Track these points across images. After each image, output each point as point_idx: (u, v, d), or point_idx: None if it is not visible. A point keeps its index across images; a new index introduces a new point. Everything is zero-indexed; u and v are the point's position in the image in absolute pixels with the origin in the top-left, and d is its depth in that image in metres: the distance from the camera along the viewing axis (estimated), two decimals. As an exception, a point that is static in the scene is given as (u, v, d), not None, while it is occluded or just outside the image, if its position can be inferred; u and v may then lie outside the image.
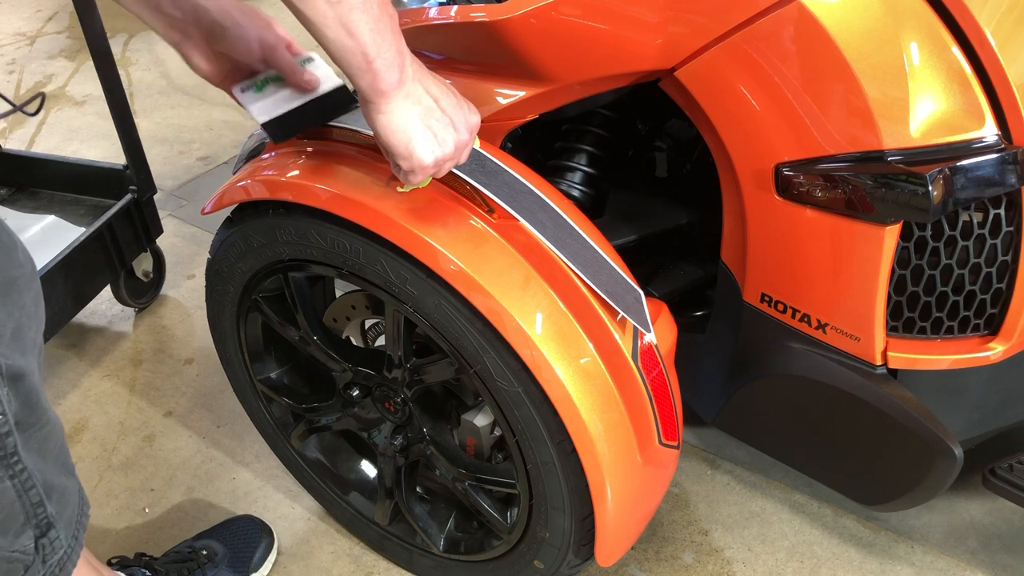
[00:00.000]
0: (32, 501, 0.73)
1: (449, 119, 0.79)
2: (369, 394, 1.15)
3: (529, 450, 0.97)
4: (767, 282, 1.06)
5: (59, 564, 0.77)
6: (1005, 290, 0.98)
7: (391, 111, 0.75)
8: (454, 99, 0.80)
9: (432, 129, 0.77)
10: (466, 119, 0.81)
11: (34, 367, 0.74)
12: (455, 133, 0.79)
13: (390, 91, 0.73)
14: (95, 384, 1.70)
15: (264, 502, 1.44)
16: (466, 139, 0.81)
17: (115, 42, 3.30)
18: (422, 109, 0.76)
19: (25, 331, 0.74)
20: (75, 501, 0.80)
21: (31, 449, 0.74)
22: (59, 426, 0.80)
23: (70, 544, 0.78)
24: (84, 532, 0.81)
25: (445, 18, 1.13)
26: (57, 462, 0.79)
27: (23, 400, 0.72)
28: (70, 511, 0.79)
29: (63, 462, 0.80)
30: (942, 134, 0.89)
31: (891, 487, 1.08)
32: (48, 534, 0.75)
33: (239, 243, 1.09)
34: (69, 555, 0.78)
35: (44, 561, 0.75)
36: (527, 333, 0.88)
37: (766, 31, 0.90)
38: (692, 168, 1.30)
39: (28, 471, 0.72)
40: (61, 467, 0.79)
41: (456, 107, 0.80)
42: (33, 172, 1.88)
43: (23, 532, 0.73)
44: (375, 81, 0.71)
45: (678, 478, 1.42)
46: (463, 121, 0.80)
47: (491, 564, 1.16)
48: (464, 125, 0.81)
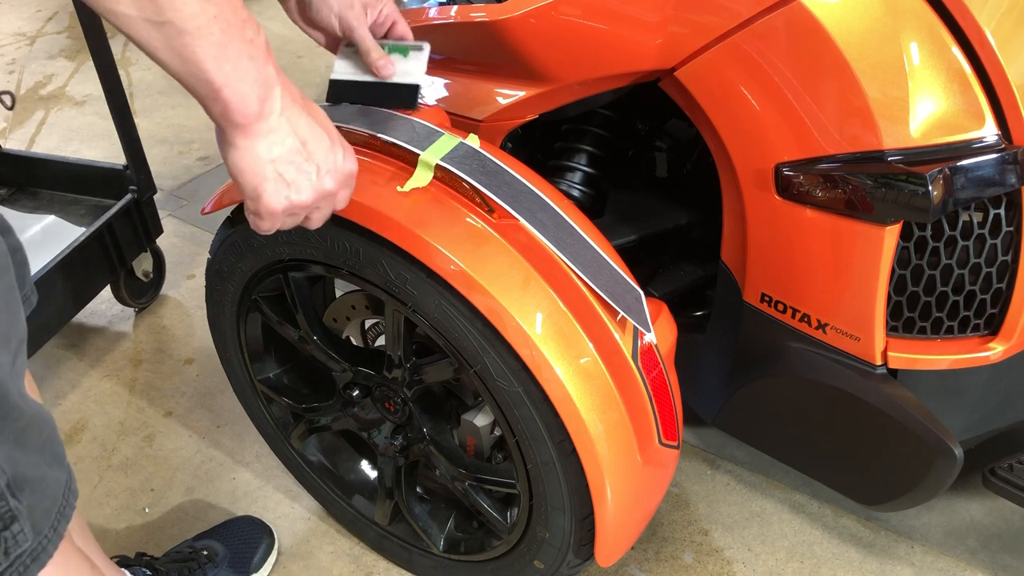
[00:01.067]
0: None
1: (315, 165, 0.70)
2: (369, 394, 1.15)
3: (529, 450, 0.97)
4: (767, 282, 1.06)
5: (30, 555, 0.75)
6: (1005, 290, 0.98)
7: (245, 147, 0.66)
8: (327, 143, 0.71)
9: (289, 174, 0.69)
10: (336, 167, 0.72)
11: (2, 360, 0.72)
12: (316, 181, 0.71)
13: (246, 125, 0.65)
14: (95, 384, 1.70)
15: (264, 502, 1.44)
16: (330, 189, 0.72)
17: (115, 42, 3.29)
18: (283, 151, 0.68)
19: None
20: (57, 491, 0.78)
21: (3, 441, 0.72)
22: (42, 419, 0.77)
23: (46, 535, 0.77)
24: (67, 522, 0.80)
25: (445, 18, 1.13)
26: (41, 453, 0.77)
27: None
28: (48, 501, 0.77)
29: (49, 453, 0.78)
30: (942, 134, 0.89)
31: (891, 487, 1.08)
32: (11, 528, 0.72)
33: (239, 243, 1.09)
34: (44, 546, 0.77)
35: (6, 554, 0.73)
36: (527, 333, 0.88)
37: (766, 31, 0.90)
38: (692, 168, 1.30)
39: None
40: (45, 458, 0.78)
41: (327, 152, 0.71)
42: (33, 172, 1.88)
43: None
44: (226, 112, 0.64)
45: (678, 478, 1.42)
46: (331, 169, 0.72)
47: (491, 564, 1.16)
48: (332, 174, 0.72)
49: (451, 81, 1.21)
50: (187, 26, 0.59)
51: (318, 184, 0.71)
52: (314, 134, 0.69)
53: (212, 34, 0.60)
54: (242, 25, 0.62)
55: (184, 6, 0.58)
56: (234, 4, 0.61)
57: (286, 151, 0.68)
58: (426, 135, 0.95)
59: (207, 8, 0.59)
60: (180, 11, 0.58)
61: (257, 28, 0.63)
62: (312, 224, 0.76)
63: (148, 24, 0.58)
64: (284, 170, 0.68)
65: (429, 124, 0.97)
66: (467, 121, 1.18)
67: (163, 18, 0.58)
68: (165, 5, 0.58)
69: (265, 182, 0.68)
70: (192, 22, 0.59)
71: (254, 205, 0.70)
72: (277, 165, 0.68)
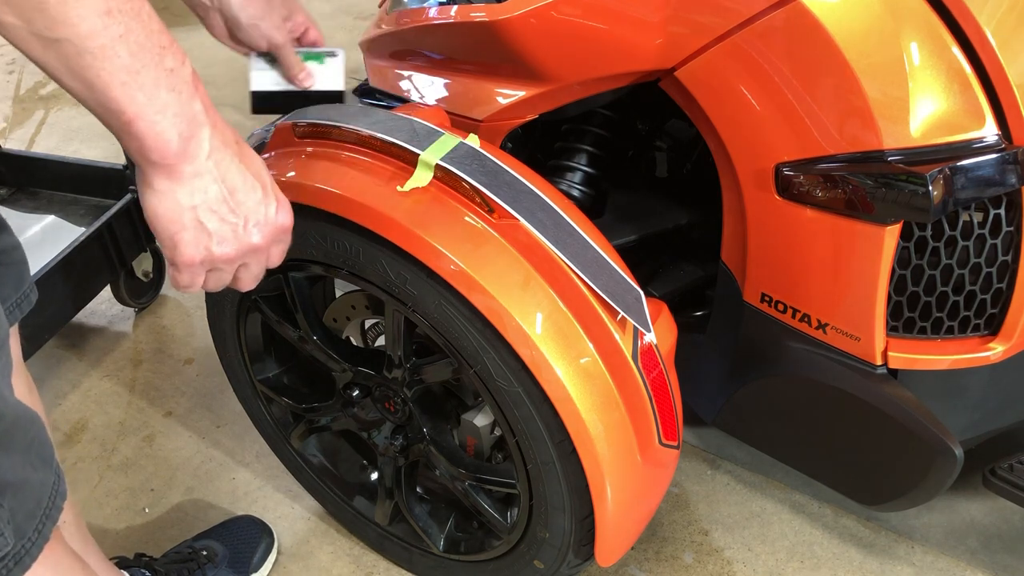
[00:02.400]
0: None
1: (242, 217, 0.63)
2: (369, 394, 1.15)
3: (529, 450, 0.97)
4: (767, 282, 1.06)
5: (12, 559, 0.74)
6: (1005, 290, 0.98)
7: (163, 191, 0.59)
8: (258, 194, 0.64)
9: (211, 224, 0.61)
10: (266, 220, 0.65)
11: None
12: (243, 234, 0.64)
13: (167, 166, 0.57)
14: (95, 384, 1.70)
15: (264, 502, 1.44)
16: (257, 243, 0.65)
17: (115, 42, 3.29)
18: (206, 198, 0.60)
19: None
20: (42, 493, 0.77)
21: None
22: (27, 419, 0.75)
23: (30, 538, 0.76)
24: (53, 524, 0.79)
25: (445, 18, 1.13)
26: (26, 455, 0.75)
27: None
28: (32, 504, 0.75)
29: (35, 454, 0.76)
30: (942, 134, 0.89)
31: (891, 487, 1.08)
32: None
33: (239, 243, 1.09)
34: (28, 549, 0.76)
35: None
36: (527, 333, 0.88)
37: (766, 31, 0.90)
38: (692, 168, 1.30)
39: None
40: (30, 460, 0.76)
41: (256, 203, 0.64)
42: (33, 172, 1.88)
43: None
44: (142, 149, 0.56)
45: (678, 478, 1.42)
46: (260, 222, 0.64)
47: (491, 564, 1.16)
48: (260, 227, 0.65)
49: (451, 81, 1.21)
50: (86, 45, 0.51)
51: (244, 237, 0.64)
52: (245, 183, 0.62)
53: (118, 56, 0.52)
54: (159, 51, 0.54)
55: (80, 21, 0.50)
56: (148, 26, 0.54)
57: (210, 199, 0.60)
58: (426, 135, 0.95)
59: (110, 26, 0.51)
60: (75, 27, 0.50)
61: (181, 57, 0.56)
62: (241, 284, 0.69)
63: (39, 40, 0.50)
64: (206, 219, 0.61)
65: (429, 124, 0.97)
66: (467, 121, 1.18)
67: (55, 35, 0.50)
68: (56, 17, 0.49)
69: (183, 231, 0.61)
70: (92, 41, 0.51)
71: (170, 255, 0.63)
72: (198, 212, 0.60)
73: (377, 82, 1.35)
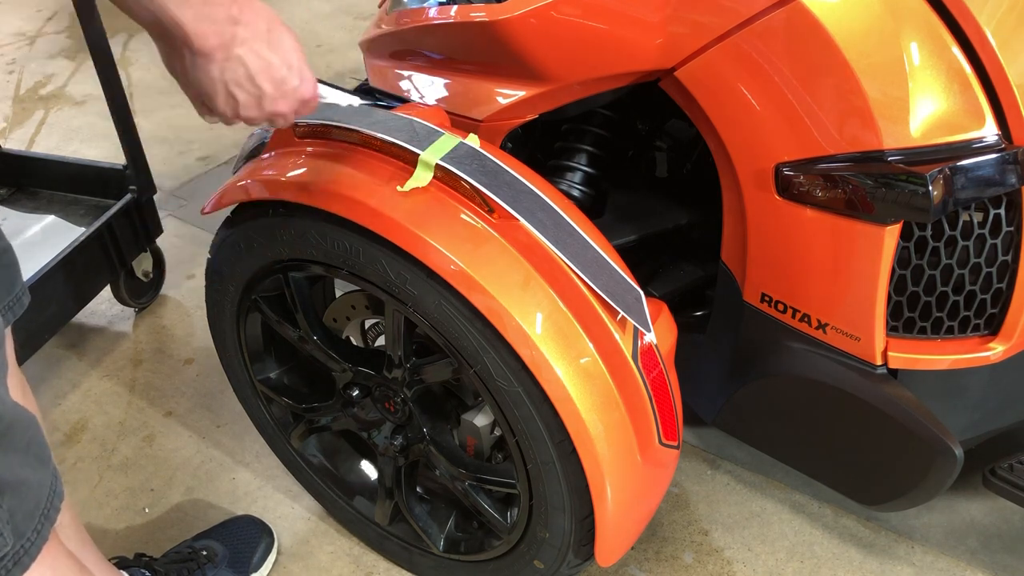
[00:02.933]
0: None
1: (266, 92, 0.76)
2: (369, 394, 1.15)
3: (529, 450, 0.97)
4: (767, 282, 1.06)
5: (12, 559, 0.76)
6: (1005, 290, 0.98)
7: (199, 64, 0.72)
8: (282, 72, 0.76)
9: (240, 96, 0.74)
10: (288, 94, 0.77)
11: None
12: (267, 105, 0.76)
13: (204, 53, 0.71)
14: (95, 384, 1.70)
15: (264, 502, 1.44)
16: (281, 110, 0.78)
17: (115, 42, 3.30)
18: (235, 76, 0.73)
19: None
20: (40, 494, 0.79)
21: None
22: (24, 420, 0.78)
23: (28, 538, 0.77)
24: (51, 524, 0.80)
25: (445, 18, 1.13)
26: (24, 455, 0.77)
27: None
28: (30, 504, 0.77)
29: (32, 455, 0.78)
30: (942, 134, 0.89)
31: (891, 487, 1.08)
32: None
33: (239, 243, 1.09)
34: (27, 549, 0.77)
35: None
36: (527, 333, 0.88)
37: (766, 31, 0.90)
38: (692, 168, 1.30)
39: None
40: (28, 460, 0.78)
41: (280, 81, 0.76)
42: (33, 172, 1.88)
43: None
44: (186, 42, 0.70)
45: (678, 478, 1.42)
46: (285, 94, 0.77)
47: (491, 564, 1.16)
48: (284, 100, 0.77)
49: (451, 81, 1.21)
50: None
51: (267, 105, 0.76)
52: (271, 64, 0.74)
53: None
54: None
55: None
56: None
57: (238, 76, 0.73)
58: (426, 135, 0.95)
59: None
60: None
61: None
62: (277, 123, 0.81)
63: None
64: (234, 90, 0.74)
65: (429, 124, 0.97)
66: (467, 121, 1.18)
67: None
68: None
69: (216, 95, 0.74)
70: None
71: (205, 108, 0.76)
72: (228, 86, 0.73)
73: (377, 82, 1.35)
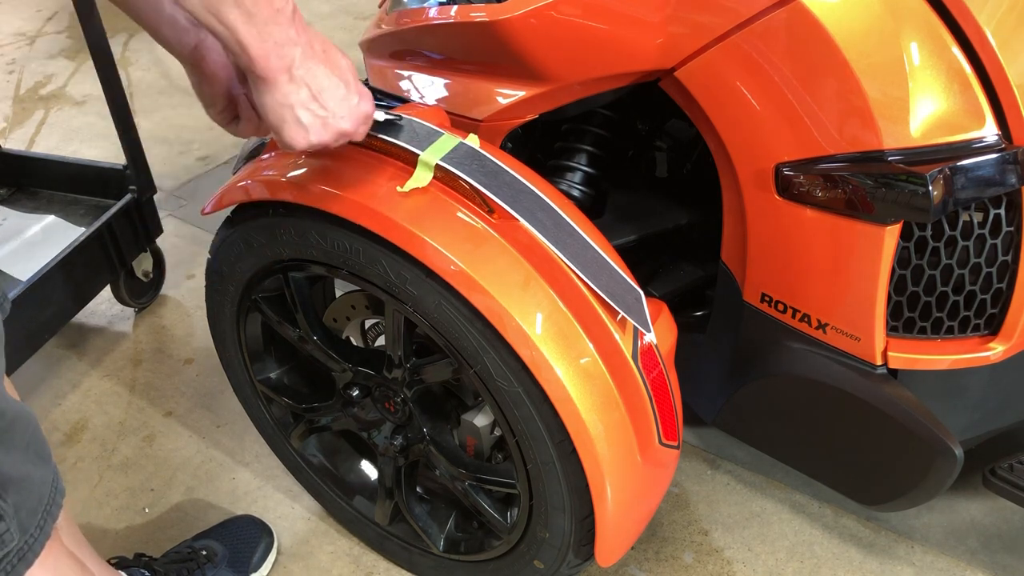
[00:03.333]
0: None
1: (330, 111, 0.80)
2: (369, 394, 1.15)
3: (529, 450, 0.97)
4: (767, 282, 1.06)
5: (17, 555, 0.77)
6: (1005, 290, 0.98)
7: (266, 92, 0.77)
8: (341, 91, 0.81)
9: (305, 119, 0.79)
10: (349, 112, 0.82)
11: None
12: (332, 124, 0.81)
13: (266, 77, 0.75)
14: (95, 384, 1.70)
15: (264, 502, 1.44)
16: (346, 129, 0.83)
17: (115, 42, 3.30)
18: (299, 99, 0.78)
19: None
20: (43, 490, 0.80)
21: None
22: (25, 417, 0.80)
23: (32, 534, 0.78)
24: (53, 521, 0.81)
25: (445, 18, 1.13)
26: (25, 452, 0.79)
27: None
28: (34, 501, 0.79)
29: (34, 452, 0.80)
30: (942, 134, 0.89)
31: (891, 487, 1.08)
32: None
33: (239, 243, 1.09)
34: (31, 545, 0.78)
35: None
36: (527, 333, 0.88)
37: (766, 31, 0.90)
38: (692, 168, 1.30)
39: None
40: (30, 457, 0.79)
41: (341, 100, 0.81)
42: (33, 172, 1.88)
43: None
44: (250, 66, 0.74)
45: (678, 478, 1.42)
46: (345, 114, 0.82)
47: (491, 564, 1.16)
48: (346, 118, 0.82)
49: (451, 81, 1.21)
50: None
51: (333, 126, 0.81)
52: (331, 84, 0.79)
53: (243, 4, 0.69)
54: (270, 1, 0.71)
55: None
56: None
57: (302, 98, 0.78)
58: (426, 135, 0.95)
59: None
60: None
61: None
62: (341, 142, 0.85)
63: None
64: (301, 115, 0.78)
65: (429, 124, 0.97)
66: (467, 121, 1.18)
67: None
68: None
69: (284, 123, 0.79)
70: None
71: (277, 138, 0.81)
72: (295, 110, 0.78)
73: (377, 82, 1.35)
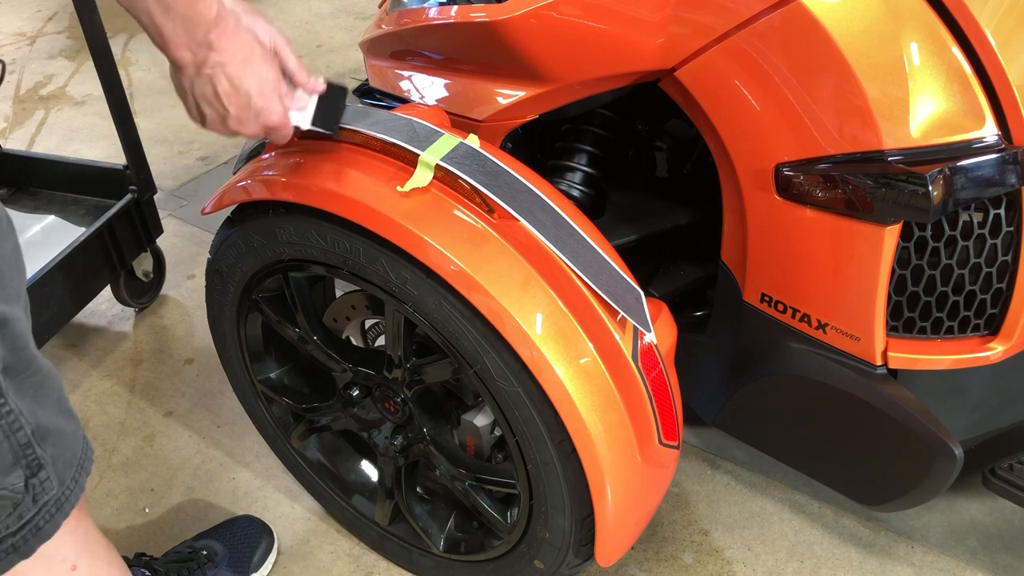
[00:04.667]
0: (20, 442, 0.75)
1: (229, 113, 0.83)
2: (369, 394, 1.15)
3: (529, 450, 0.97)
4: (767, 282, 1.06)
5: (55, 504, 0.79)
6: (1005, 290, 0.98)
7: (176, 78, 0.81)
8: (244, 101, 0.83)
9: (206, 111, 0.82)
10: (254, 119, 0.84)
11: (19, 314, 0.77)
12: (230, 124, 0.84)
13: (178, 64, 0.79)
14: (95, 384, 1.70)
15: (264, 502, 1.44)
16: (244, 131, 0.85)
17: (115, 42, 3.30)
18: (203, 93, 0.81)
19: (7, 280, 0.76)
20: (76, 444, 0.83)
21: (24, 394, 0.76)
22: (55, 375, 0.83)
23: (68, 486, 0.80)
24: (86, 475, 0.84)
25: (445, 18, 1.13)
26: (57, 407, 0.82)
27: (10, 346, 0.75)
28: (69, 453, 0.81)
29: (63, 408, 0.83)
30: (942, 134, 0.89)
31: (891, 487, 1.08)
32: (38, 475, 0.77)
33: (239, 243, 1.09)
34: (67, 496, 0.80)
35: (35, 500, 0.78)
36: (527, 333, 0.88)
37: (766, 31, 0.90)
38: (692, 168, 1.30)
39: (15, 413, 0.74)
40: (61, 412, 0.82)
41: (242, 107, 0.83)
42: (33, 172, 1.88)
43: (11, 471, 0.75)
44: (165, 51, 0.77)
45: (678, 478, 1.42)
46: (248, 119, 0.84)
47: (491, 564, 1.16)
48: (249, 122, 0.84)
49: (451, 81, 1.21)
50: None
51: (232, 126, 0.84)
52: (238, 91, 0.81)
53: None
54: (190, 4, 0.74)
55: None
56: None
57: (206, 94, 0.81)
58: (426, 135, 0.95)
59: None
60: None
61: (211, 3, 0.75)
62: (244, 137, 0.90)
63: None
64: (201, 105, 0.83)
65: (429, 124, 0.97)
66: (467, 121, 1.18)
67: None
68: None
69: (185, 105, 0.84)
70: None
71: None
72: (196, 100, 0.82)
73: (377, 82, 1.35)
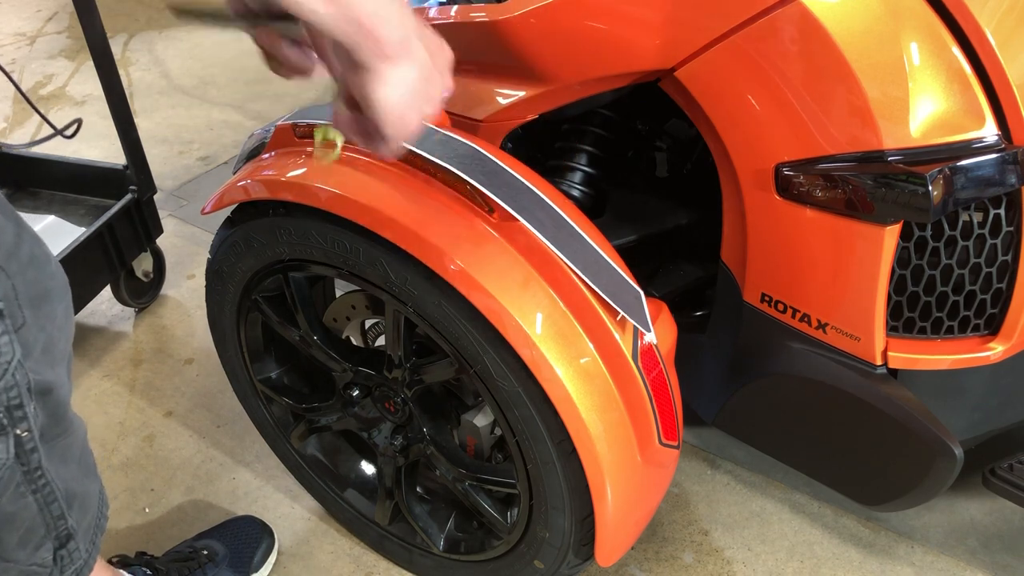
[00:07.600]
0: (54, 515, 0.73)
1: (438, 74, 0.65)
2: (369, 394, 1.15)
3: (529, 450, 0.97)
4: (767, 282, 1.06)
5: (76, 573, 0.77)
6: (1005, 290, 0.98)
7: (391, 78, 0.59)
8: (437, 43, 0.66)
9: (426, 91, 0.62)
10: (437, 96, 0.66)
11: (63, 379, 0.74)
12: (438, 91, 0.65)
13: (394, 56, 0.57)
14: (95, 384, 1.70)
15: (264, 502, 1.44)
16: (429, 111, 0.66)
17: (115, 42, 3.30)
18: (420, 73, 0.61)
19: (56, 343, 0.74)
20: (95, 505, 0.81)
21: (54, 458, 0.74)
22: (81, 428, 0.80)
23: (88, 551, 0.78)
24: (102, 535, 0.82)
25: (445, 18, 1.13)
26: (81, 465, 0.79)
27: (50, 413, 0.73)
28: (90, 518, 0.79)
29: (86, 463, 0.81)
30: (942, 134, 0.89)
31: (891, 487, 1.08)
32: (67, 545, 0.75)
33: (239, 243, 1.09)
34: (87, 561, 0.79)
35: (62, 572, 0.76)
36: (527, 333, 0.88)
37: (766, 31, 0.90)
38: (692, 168, 1.30)
39: (51, 485, 0.72)
40: (84, 469, 0.80)
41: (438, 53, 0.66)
42: (33, 172, 1.88)
43: (42, 545, 0.74)
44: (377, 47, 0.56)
45: (678, 478, 1.42)
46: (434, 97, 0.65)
47: (491, 564, 1.16)
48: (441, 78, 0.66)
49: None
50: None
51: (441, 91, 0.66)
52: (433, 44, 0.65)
53: None
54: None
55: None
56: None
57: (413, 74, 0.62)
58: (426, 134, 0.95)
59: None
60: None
61: None
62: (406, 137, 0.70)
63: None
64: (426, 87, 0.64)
65: (428, 124, 0.97)
66: (467, 121, 1.18)
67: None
68: None
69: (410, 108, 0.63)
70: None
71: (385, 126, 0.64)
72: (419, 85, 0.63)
73: (377, 82, 1.35)
